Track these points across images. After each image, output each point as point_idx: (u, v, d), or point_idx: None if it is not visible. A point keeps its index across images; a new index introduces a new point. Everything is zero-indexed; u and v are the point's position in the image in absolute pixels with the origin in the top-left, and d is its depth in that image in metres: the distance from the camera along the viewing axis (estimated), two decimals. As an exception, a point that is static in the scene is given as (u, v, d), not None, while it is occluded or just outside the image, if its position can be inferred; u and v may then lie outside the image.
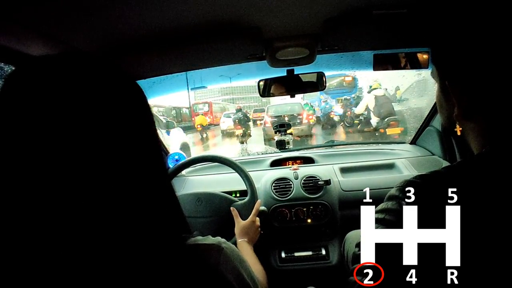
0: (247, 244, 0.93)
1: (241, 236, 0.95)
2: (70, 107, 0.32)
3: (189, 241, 0.41)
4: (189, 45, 0.90)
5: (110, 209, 0.33)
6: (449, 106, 0.48)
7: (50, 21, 0.63)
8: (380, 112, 5.57)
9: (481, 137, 0.45)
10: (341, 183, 1.36)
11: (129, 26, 0.74)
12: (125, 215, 0.34)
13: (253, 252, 0.91)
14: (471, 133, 0.47)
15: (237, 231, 0.97)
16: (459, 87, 0.44)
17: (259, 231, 1.00)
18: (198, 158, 1.34)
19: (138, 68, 1.06)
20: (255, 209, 1.00)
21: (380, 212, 0.43)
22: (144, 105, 0.39)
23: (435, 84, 0.52)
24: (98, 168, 0.33)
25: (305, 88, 1.26)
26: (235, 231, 0.97)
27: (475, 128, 0.45)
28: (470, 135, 0.47)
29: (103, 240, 0.33)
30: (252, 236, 0.96)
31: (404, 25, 0.88)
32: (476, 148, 0.46)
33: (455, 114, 0.46)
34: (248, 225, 0.97)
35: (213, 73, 1.20)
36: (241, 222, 0.98)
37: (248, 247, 0.91)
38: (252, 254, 0.89)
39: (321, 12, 0.78)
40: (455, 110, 0.46)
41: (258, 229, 0.99)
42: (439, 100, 0.52)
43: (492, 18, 0.41)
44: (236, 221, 0.99)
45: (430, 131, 1.52)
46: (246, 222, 0.97)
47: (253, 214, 0.99)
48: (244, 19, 0.78)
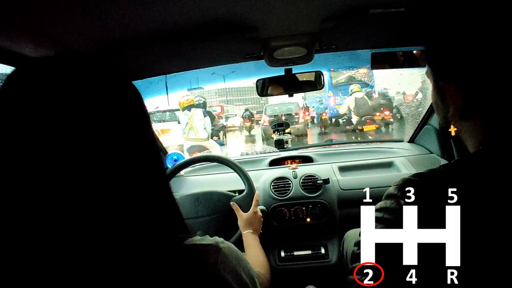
0: (252, 234, 0.94)
1: (245, 228, 0.96)
2: (68, 108, 0.32)
3: (186, 242, 0.41)
4: (186, 45, 0.90)
5: (107, 210, 0.33)
6: (444, 106, 0.48)
7: (46, 21, 0.63)
8: (359, 112, 6.48)
9: (477, 135, 0.45)
10: (340, 182, 1.36)
11: (125, 26, 0.74)
12: (122, 215, 0.34)
13: (259, 242, 0.92)
14: (466, 132, 0.47)
15: (241, 223, 0.98)
16: (454, 87, 0.44)
17: (262, 221, 1.01)
18: (197, 158, 1.33)
19: (135, 68, 1.05)
20: (255, 200, 1.01)
21: (379, 211, 0.43)
22: (140, 105, 0.39)
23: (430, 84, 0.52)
24: (95, 168, 0.32)
25: (303, 87, 1.27)
26: (239, 224, 0.98)
27: (471, 127, 0.45)
28: (465, 134, 0.47)
29: (100, 241, 0.33)
30: (256, 226, 0.98)
31: (401, 24, 0.89)
32: (472, 146, 0.46)
33: (450, 114, 0.46)
34: (251, 216, 0.98)
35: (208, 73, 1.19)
36: (243, 214, 0.99)
37: (254, 238, 0.93)
38: (258, 244, 0.91)
39: (319, 11, 0.78)
40: (450, 110, 0.46)
41: (261, 219, 1.01)
42: (434, 100, 0.51)
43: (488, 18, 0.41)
44: (238, 215, 1.00)
45: (428, 130, 1.53)
46: (249, 214, 0.98)
47: (254, 205, 1.00)
48: (241, 18, 0.78)
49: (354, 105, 6.64)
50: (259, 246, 0.91)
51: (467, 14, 0.42)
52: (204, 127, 4.58)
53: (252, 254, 0.87)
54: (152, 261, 0.35)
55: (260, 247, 0.90)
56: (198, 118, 4.58)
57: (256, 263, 0.80)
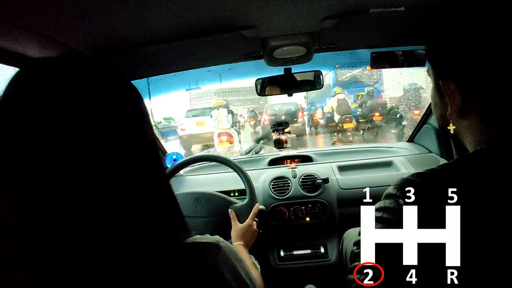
0: (242, 247, 0.90)
1: (237, 239, 0.93)
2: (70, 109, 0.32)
3: (187, 240, 0.41)
4: (186, 45, 0.90)
5: (107, 209, 0.34)
6: (443, 105, 0.48)
7: (46, 21, 0.63)
8: (340, 111, 7.55)
9: (476, 134, 0.45)
10: (339, 181, 1.36)
11: (124, 26, 0.74)
12: (123, 214, 0.34)
13: (248, 256, 0.89)
14: (465, 131, 0.47)
15: (233, 234, 0.95)
16: (453, 85, 0.44)
17: (255, 235, 0.98)
18: (196, 158, 1.33)
19: (134, 68, 1.05)
20: (252, 213, 0.99)
21: (378, 210, 0.43)
22: (140, 105, 0.40)
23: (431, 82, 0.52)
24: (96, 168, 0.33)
25: (302, 87, 1.26)
26: (232, 234, 0.96)
27: (470, 126, 0.45)
28: (464, 133, 0.47)
29: (100, 239, 0.33)
30: (249, 239, 0.95)
31: (401, 23, 0.88)
32: (471, 146, 0.46)
33: (449, 112, 0.46)
34: (245, 228, 0.95)
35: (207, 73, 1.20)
36: (238, 225, 0.96)
37: (244, 251, 0.89)
38: (247, 258, 0.87)
39: (318, 11, 0.78)
40: (449, 109, 0.45)
41: (255, 233, 0.98)
42: (433, 98, 0.51)
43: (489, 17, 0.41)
44: (233, 224, 0.98)
45: (427, 129, 1.53)
46: (243, 225, 0.96)
47: (251, 218, 0.97)
48: (240, 18, 0.78)
49: (336, 105, 7.66)
50: (249, 259, 0.88)
51: (467, 12, 0.42)
52: (227, 121, 6.97)
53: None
54: (153, 258, 0.35)
55: (251, 261, 0.87)
56: (224, 114, 6.99)
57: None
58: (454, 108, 0.45)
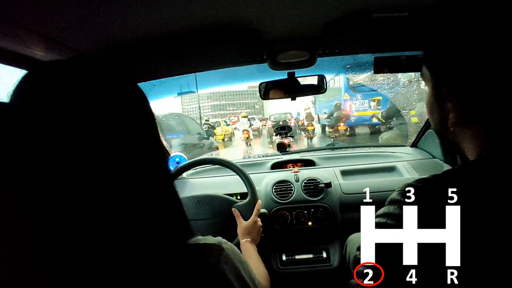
0: (250, 244, 0.93)
1: (244, 237, 0.95)
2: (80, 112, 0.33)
3: (190, 241, 0.41)
4: (190, 48, 0.91)
5: (112, 209, 0.34)
6: (441, 112, 0.47)
7: (50, 23, 0.64)
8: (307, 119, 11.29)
9: (478, 142, 0.44)
10: (342, 186, 1.36)
11: (129, 29, 0.75)
12: (127, 215, 0.35)
13: (256, 252, 0.91)
14: (466, 138, 0.46)
15: (240, 231, 0.97)
16: (456, 94, 0.44)
17: (261, 230, 1.01)
18: (199, 161, 1.34)
19: (138, 71, 1.06)
20: (256, 209, 1.01)
21: (382, 217, 0.43)
22: (147, 107, 0.41)
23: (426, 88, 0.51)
24: (103, 168, 0.33)
25: (306, 91, 1.27)
26: (238, 232, 0.98)
27: (472, 133, 0.45)
28: (465, 140, 0.46)
29: (104, 240, 0.33)
30: (255, 236, 0.97)
31: (405, 28, 0.89)
32: (473, 153, 0.46)
33: (451, 120, 0.45)
34: (251, 225, 0.97)
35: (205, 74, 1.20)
36: (243, 222, 0.99)
37: (252, 247, 0.92)
38: (256, 254, 0.90)
39: (322, 15, 0.79)
40: (451, 117, 0.45)
41: (260, 229, 1.00)
42: (430, 105, 0.50)
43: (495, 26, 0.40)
44: (238, 222, 1.00)
45: (431, 134, 1.52)
46: (248, 222, 0.98)
47: (255, 214, 1.00)
48: (244, 22, 0.79)
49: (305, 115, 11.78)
50: (258, 256, 0.89)
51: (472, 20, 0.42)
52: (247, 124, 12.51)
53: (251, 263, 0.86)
54: (156, 259, 0.35)
55: (259, 257, 0.89)
56: (246, 121, 12.66)
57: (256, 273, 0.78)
58: (456, 116, 0.44)
